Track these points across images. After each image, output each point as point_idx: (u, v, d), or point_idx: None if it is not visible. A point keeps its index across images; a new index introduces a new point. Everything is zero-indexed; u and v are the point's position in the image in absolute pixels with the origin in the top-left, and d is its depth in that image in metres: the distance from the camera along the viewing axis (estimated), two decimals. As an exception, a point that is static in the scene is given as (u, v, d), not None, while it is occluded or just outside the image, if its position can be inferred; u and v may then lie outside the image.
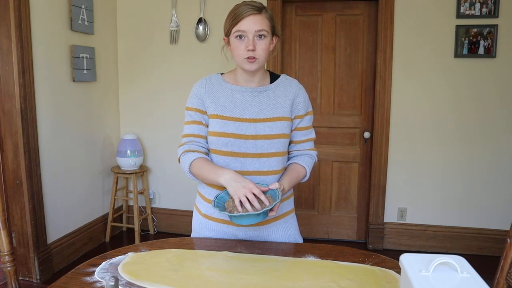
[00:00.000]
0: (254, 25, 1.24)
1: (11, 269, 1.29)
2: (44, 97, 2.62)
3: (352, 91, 3.18)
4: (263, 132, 1.30)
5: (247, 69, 1.29)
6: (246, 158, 1.31)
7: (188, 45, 3.26)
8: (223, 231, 1.38)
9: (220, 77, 1.39)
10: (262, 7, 1.28)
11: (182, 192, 3.45)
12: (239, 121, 1.31)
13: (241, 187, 1.15)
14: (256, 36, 1.25)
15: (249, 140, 1.30)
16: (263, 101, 1.33)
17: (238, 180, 1.18)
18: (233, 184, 1.17)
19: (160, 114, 3.40)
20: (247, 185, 1.16)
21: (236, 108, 1.32)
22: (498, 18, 2.80)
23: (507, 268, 1.12)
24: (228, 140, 1.30)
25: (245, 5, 1.26)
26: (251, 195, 1.14)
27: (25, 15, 2.41)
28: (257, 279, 1.06)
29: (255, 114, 1.32)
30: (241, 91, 1.34)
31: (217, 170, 1.24)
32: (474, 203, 3.06)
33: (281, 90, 1.36)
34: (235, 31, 1.26)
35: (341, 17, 3.12)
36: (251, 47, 1.24)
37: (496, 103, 2.93)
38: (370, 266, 1.15)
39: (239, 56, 1.28)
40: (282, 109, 1.34)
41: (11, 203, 2.55)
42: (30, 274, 2.60)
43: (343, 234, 3.38)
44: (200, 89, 1.37)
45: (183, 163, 1.33)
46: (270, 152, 1.32)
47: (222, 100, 1.34)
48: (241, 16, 1.24)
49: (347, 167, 3.26)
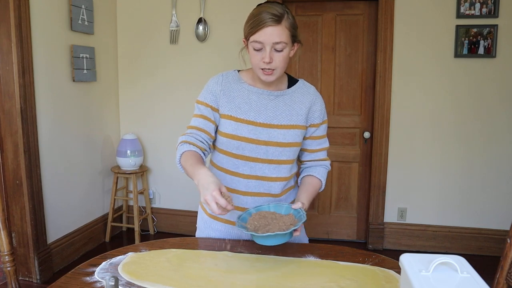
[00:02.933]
0: (272, 37, 1.17)
1: (11, 269, 1.29)
2: (44, 97, 2.62)
3: (352, 91, 3.18)
4: (276, 139, 1.28)
5: (262, 80, 1.25)
6: (256, 163, 1.29)
7: (188, 45, 3.26)
8: (228, 232, 1.38)
9: (237, 75, 1.34)
10: (283, 14, 1.18)
11: (182, 192, 3.45)
12: (253, 124, 1.27)
13: (208, 194, 1.06)
14: (274, 48, 1.19)
15: (261, 146, 1.27)
16: (279, 106, 1.30)
17: (206, 186, 1.08)
18: (201, 189, 1.09)
19: (160, 114, 3.40)
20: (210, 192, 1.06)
21: (251, 111, 1.28)
22: (498, 18, 2.80)
23: (507, 268, 1.12)
24: (240, 143, 1.27)
25: (266, 13, 1.17)
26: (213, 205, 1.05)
27: (25, 15, 2.41)
28: (257, 279, 1.06)
29: (270, 119, 1.28)
30: (258, 93, 1.30)
31: (195, 168, 1.16)
32: (474, 203, 3.06)
33: (298, 96, 1.33)
34: (253, 41, 1.20)
35: (341, 17, 3.12)
36: (267, 60, 1.18)
37: (496, 103, 2.93)
38: (370, 266, 1.15)
39: (255, 65, 1.23)
40: (297, 116, 1.31)
41: (11, 203, 2.54)
42: (30, 274, 2.60)
43: (343, 234, 3.38)
44: (215, 86, 1.31)
45: (177, 152, 1.29)
46: (280, 159, 1.30)
47: (238, 100, 1.29)
48: (259, 26, 1.17)
49: (347, 167, 3.26)
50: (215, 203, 1.05)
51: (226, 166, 1.33)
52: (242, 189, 1.32)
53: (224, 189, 1.08)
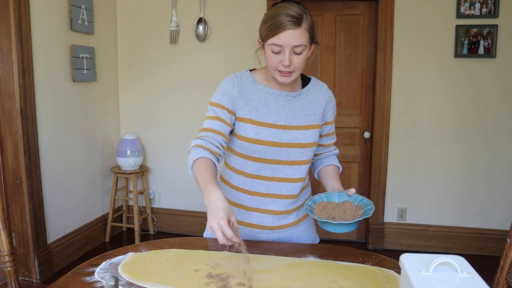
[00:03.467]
0: (292, 40, 1.14)
1: (11, 269, 1.29)
2: (44, 97, 2.62)
3: (352, 91, 3.18)
4: (297, 140, 1.28)
5: (279, 81, 1.23)
6: (278, 165, 1.29)
7: (188, 45, 3.26)
8: (246, 234, 1.37)
9: (251, 76, 1.30)
10: (302, 15, 1.15)
11: (182, 192, 3.45)
12: (274, 127, 1.25)
13: (215, 221, 1.02)
14: (293, 51, 1.16)
15: (283, 148, 1.27)
16: (296, 106, 1.29)
17: (215, 212, 1.04)
18: (210, 214, 1.05)
19: (160, 114, 3.40)
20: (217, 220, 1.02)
21: (270, 113, 1.26)
22: (498, 18, 2.80)
23: (507, 268, 1.12)
24: (262, 147, 1.25)
25: (285, 15, 1.13)
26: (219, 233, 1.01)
27: (25, 15, 2.41)
28: (257, 279, 1.06)
29: (289, 121, 1.27)
30: (275, 94, 1.28)
31: (207, 186, 1.11)
32: (474, 203, 3.06)
33: (313, 96, 1.33)
34: (271, 44, 1.16)
35: (341, 17, 3.12)
36: (286, 63, 1.16)
37: (496, 103, 2.93)
38: (370, 266, 1.15)
39: (272, 67, 1.20)
40: (314, 116, 1.32)
41: (11, 203, 2.54)
42: (30, 274, 2.60)
43: (343, 234, 3.38)
44: (232, 88, 1.27)
45: (189, 157, 1.23)
46: (301, 160, 1.31)
47: (255, 103, 1.27)
48: (279, 29, 1.13)
49: (347, 167, 3.26)
50: (221, 232, 1.01)
51: (246, 170, 1.31)
52: (263, 191, 1.32)
53: (233, 218, 1.04)
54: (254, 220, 1.34)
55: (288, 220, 1.37)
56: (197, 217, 3.42)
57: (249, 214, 1.34)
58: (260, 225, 1.34)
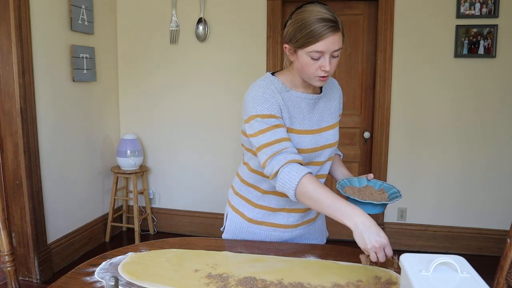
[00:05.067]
0: (333, 45, 1.13)
1: (11, 269, 1.29)
2: (44, 97, 2.62)
3: (352, 91, 3.18)
4: (329, 141, 1.30)
5: (316, 85, 1.22)
6: (309, 166, 1.28)
7: (188, 45, 3.26)
8: (268, 235, 1.36)
9: (279, 81, 1.25)
10: (337, 19, 1.14)
11: (182, 192, 3.45)
12: (311, 133, 1.25)
13: (378, 243, 0.99)
14: (332, 55, 1.15)
15: (319, 151, 1.28)
16: (321, 108, 1.30)
17: (377, 232, 1.01)
18: (371, 234, 1.00)
19: (160, 114, 3.40)
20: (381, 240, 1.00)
21: (305, 120, 1.25)
22: (498, 18, 2.80)
23: (507, 268, 1.12)
24: (303, 156, 1.24)
25: (322, 21, 1.11)
26: (382, 254, 1.00)
27: (25, 15, 2.41)
28: (257, 279, 1.06)
29: (320, 123, 1.28)
30: (307, 99, 1.26)
31: (343, 205, 1.06)
32: (474, 203, 3.06)
33: (330, 94, 1.35)
34: (311, 51, 1.13)
35: (341, 17, 3.10)
36: (328, 68, 1.14)
37: (496, 103, 2.93)
38: (370, 266, 1.15)
39: (311, 74, 1.17)
40: (335, 113, 1.35)
41: (11, 203, 2.55)
42: (30, 274, 2.60)
43: (343, 234, 3.37)
44: (276, 96, 1.19)
45: (285, 178, 1.12)
46: (330, 157, 1.34)
47: (292, 110, 1.23)
48: (319, 37, 1.11)
49: (347, 167, 3.20)
50: (383, 252, 1.00)
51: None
52: None
53: None
54: (279, 220, 1.35)
55: (310, 216, 1.39)
56: (197, 217, 3.42)
57: (275, 215, 1.35)
58: (285, 224, 1.35)
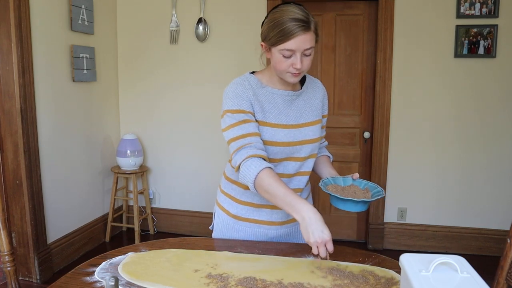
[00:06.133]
0: (304, 44, 1.16)
1: (11, 269, 1.29)
2: (44, 97, 2.62)
3: (352, 91, 3.18)
4: (308, 137, 1.31)
5: (289, 82, 1.25)
6: (289, 162, 1.31)
7: (188, 45, 3.26)
8: (254, 232, 1.38)
9: (256, 78, 1.30)
10: (309, 18, 1.16)
11: (182, 192, 3.45)
12: (287, 128, 1.28)
13: (320, 237, 1.05)
14: (303, 54, 1.18)
15: (296, 146, 1.29)
16: (300, 105, 1.33)
17: (320, 229, 1.06)
18: (314, 230, 1.06)
19: (160, 114, 3.40)
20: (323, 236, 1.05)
21: (281, 114, 1.28)
22: (498, 18, 2.80)
23: (507, 268, 1.12)
24: (279, 149, 1.27)
25: (294, 20, 1.14)
26: (322, 249, 1.04)
27: (25, 15, 2.41)
28: (257, 279, 1.06)
29: (298, 119, 1.31)
30: (283, 95, 1.30)
31: (293, 199, 1.10)
32: (474, 203, 3.06)
33: (311, 92, 1.37)
34: (282, 49, 1.17)
35: (341, 17, 3.12)
36: (299, 66, 1.18)
37: (496, 103, 2.93)
38: (370, 266, 1.15)
39: (283, 70, 1.21)
40: (317, 111, 1.36)
41: (11, 203, 2.55)
42: (30, 274, 2.60)
43: (343, 234, 3.38)
44: (246, 91, 1.25)
45: (246, 171, 1.17)
46: (311, 154, 1.35)
47: (266, 105, 1.27)
48: (290, 35, 1.14)
49: (347, 167, 3.26)
50: (324, 248, 1.05)
51: None
52: None
53: None
54: (263, 216, 1.36)
55: None
56: (197, 217, 3.42)
57: (258, 211, 1.36)
58: (270, 221, 1.36)
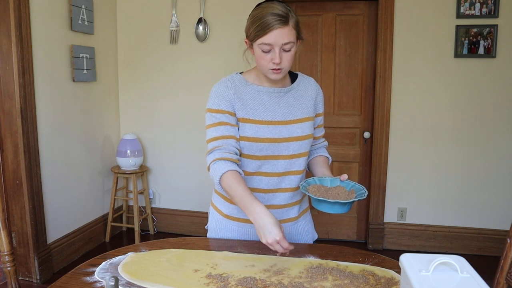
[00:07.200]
0: (282, 38, 1.18)
1: (11, 269, 1.29)
2: (44, 97, 2.62)
3: (352, 91, 3.18)
4: (295, 134, 1.31)
5: (272, 79, 1.26)
6: (278, 160, 1.31)
7: (188, 45, 3.26)
8: (246, 231, 1.37)
9: (241, 77, 1.33)
10: (288, 13, 1.19)
11: (182, 192, 3.45)
12: (272, 124, 1.28)
13: (271, 238, 1.07)
14: (282, 49, 1.20)
15: (282, 143, 1.29)
16: (289, 102, 1.32)
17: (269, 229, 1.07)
18: (263, 231, 1.08)
19: (160, 114, 3.40)
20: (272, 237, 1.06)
21: (266, 111, 1.29)
22: (498, 18, 2.80)
23: (507, 268, 1.12)
24: (263, 145, 1.27)
25: (272, 15, 1.16)
26: (277, 247, 1.07)
27: (25, 15, 2.41)
28: (257, 279, 1.06)
29: (285, 116, 1.30)
30: (268, 92, 1.31)
31: (248, 202, 1.14)
32: (474, 203, 3.06)
33: (303, 90, 1.37)
34: (260, 43, 1.19)
35: (341, 17, 3.12)
36: (277, 61, 1.19)
37: (496, 103, 2.93)
38: (370, 266, 1.15)
39: (264, 66, 1.23)
40: (307, 109, 1.35)
41: (11, 203, 2.55)
42: (30, 274, 2.60)
43: (343, 234, 3.38)
44: (227, 91, 1.28)
45: (213, 172, 1.23)
46: (300, 152, 1.33)
47: (251, 102, 1.29)
48: (267, 29, 1.16)
49: (347, 167, 3.26)
50: (279, 245, 1.06)
51: (246, 168, 1.31)
52: (264, 187, 1.33)
53: (282, 228, 1.09)
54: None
55: (289, 215, 1.38)
56: (197, 217, 3.42)
57: None
58: None
